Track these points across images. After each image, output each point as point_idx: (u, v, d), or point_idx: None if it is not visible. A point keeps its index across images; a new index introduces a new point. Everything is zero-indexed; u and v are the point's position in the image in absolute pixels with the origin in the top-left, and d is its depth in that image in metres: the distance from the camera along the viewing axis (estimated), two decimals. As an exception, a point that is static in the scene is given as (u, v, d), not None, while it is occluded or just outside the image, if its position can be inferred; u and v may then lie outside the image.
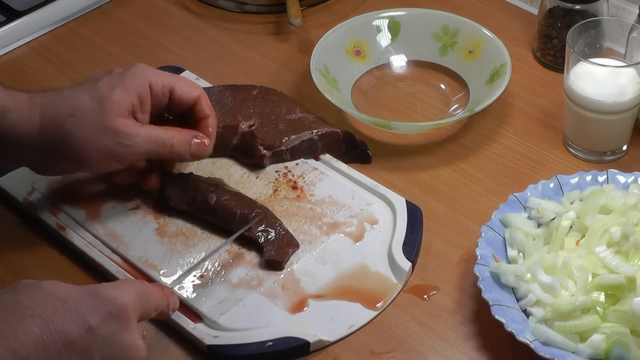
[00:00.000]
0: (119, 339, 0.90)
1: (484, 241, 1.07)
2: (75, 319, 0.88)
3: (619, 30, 1.25)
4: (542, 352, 0.97)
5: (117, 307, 0.90)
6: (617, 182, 1.13)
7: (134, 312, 0.91)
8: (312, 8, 1.44)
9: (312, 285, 1.07)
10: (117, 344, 0.90)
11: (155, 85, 1.08)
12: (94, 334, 0.88)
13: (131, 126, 1.06)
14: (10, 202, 1.17)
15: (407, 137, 1.25)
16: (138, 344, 0.91)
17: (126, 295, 0.91)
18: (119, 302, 0.90)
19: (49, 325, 0.86)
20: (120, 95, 1.06)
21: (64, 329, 0.87)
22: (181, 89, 1.10)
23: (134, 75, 1.08)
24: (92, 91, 1.06)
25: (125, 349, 0.90)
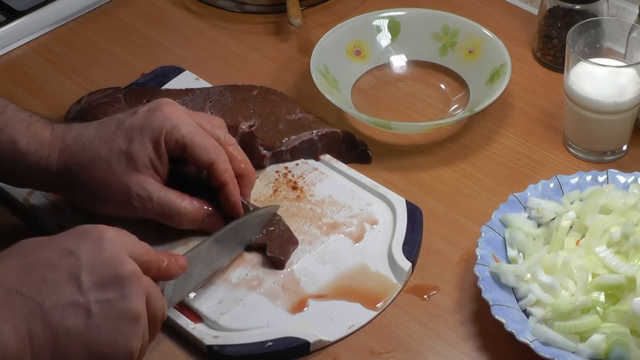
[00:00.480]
0: (103, 256, 0.89)
1: (484, 241, 1.07)
2: (53, 249, 0.89)
3: (619, 30, 1.25)
4: (542, 352, 0.97)
5: (96, 232, 0.90)
6: (617, 182, 1.13)
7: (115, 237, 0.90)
8: (312, 8, 1.44)
9: (312, 286, 1.07)
10: (103, 259, 0.89)
11: (169, 141, 1.05)
12: (75, 256, 0.88)
13: (146, 187, 1.05)
14: (10, 202, 1.17)
15: (407, 137, 1.25)
16: (126, 259, 0.90)
17: (105, 227, 0.91)
18: (97, 228, 0.91)
19: (27, 257, 0.88)
20: (137, 150, 1.05)
21: (42, 257, 0.88)
22: (194, 151, 1.06)
23: (152, 127, 1.05)
24: (111, 144, 1.05)
25: (112, 263, 0.89)
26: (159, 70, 1.33)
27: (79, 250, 0.89)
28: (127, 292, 0.89)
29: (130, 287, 0.89)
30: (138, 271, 0.90)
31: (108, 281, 0.89)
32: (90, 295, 0.88)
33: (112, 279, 0.89)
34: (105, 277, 0.89)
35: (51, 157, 1.06)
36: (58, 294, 0.87)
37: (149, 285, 0.92)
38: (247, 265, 1.09)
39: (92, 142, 1.05)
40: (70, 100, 1.26)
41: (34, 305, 0.86)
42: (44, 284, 0.87)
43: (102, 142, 1.05)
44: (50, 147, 1.06)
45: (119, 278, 0.89)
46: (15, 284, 0.86)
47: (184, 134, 1.05)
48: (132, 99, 1.24)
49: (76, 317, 0.87)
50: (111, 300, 0.88)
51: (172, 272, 0.97)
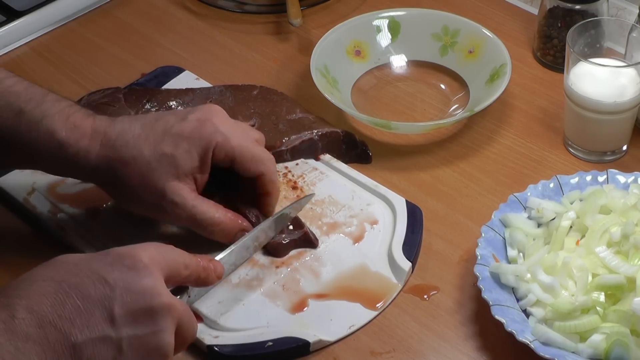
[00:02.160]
0: (137, 286, 0.86)
1: (484, 241, 1.07)
2: (88, 275, 0.86)
3: (619, 30, 1.25)
4: (542, 352, 0.97)
5: (132, 259, 0.87)
6: (617, 182, 1.13)
7: (152, 263, 0.88)
8: (312, 8, 1.44)
9: (312, 285, 1.07)
10: (136, 291, 0.86)
11: (219, 152, 1.05)
12: (109, 286, 0.85)
13: (180, 196, 1.04)
14: (10, 202, 1.17)
15: (407, 137, 1.25)
16: (160, 290, 0.87)
17: (141, 250, 0.88)
18: (132, 254, 0.88)
19: (62, 284, 0.85)
20: (182, 157, 1.04)
21: (77, 285, 0.85)
22: (243, 164, 1.06)
23: (202, 137, 1.04)
24: (156, 145, 1.04)
25: (146, 294, 0.86)
26: (159, 70, 1.33)
27: (114, 280, 0.86)
28: (159, 328, 0.87)
29: (163, 322, 0.87)
30: (172, 303, 0.88)
31: (140, 315, 0.86)
32: (122, 331, 0.85)
33: (144, 313, 0.86)
34: (138, 310, 0.86)
35: (91, 150, 1.04)
36: (90, 328, 0.84)
37: (182, 313, 0.89)
38: (247, 265, 1.09)
39: (137, 141, 1.04)
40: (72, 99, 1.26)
41: (66, 340, 0.83)
42: (77, 316, 0.84)
43: (147, 142, 1.04)
44: (91, 139, 1.04)
45: (152, 312, 0.86)
46: (49, 315, 0.83)
47: (234, 147, 1.05)
48: (132, 99, 1.24)
49: (107, 354, 0.85)
50: (142, 336, 0.86)
51: (210, 281, 0.96)
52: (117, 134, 1.05)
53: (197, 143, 1.04)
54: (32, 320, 0.83)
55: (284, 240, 1.09)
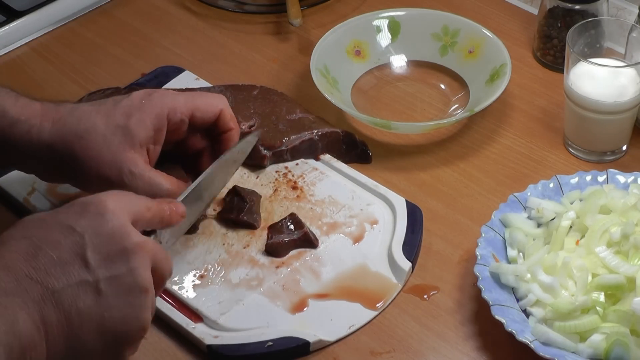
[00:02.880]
0: (107, 229, 0.88)
1: (484, 241, 1.07)
2: (56, 227, 0.88)
3: (619, 30, 1.25)
4: (542, 352, 0.97)
5: (96, 205, 0.89)
6: (617, 182, 1.13)
7: (116, 206, 0.89)
8: (312, 8, 1.44)
9: (312, 285, 1.07)
10: (106, 233, 0.88)
11: (174, 115, 1.06)
12: (77, 233, 0.87)
13: (138, 164, 1.04)
14: (10, 202, 1.17)
15: (407, 137, 1.25)
16: (129, 230, 0.89)
17: (104, 195, 0.90)
18: (97, 200, 0.89)
19: (32, 239, 0.87)
20: (136, 126, 1.04)
21: (47, 237, 0.87)
22: (200, 110, 1.07)
23: (152, 105, 1.05)
24: (108, 118, 1.04)
25: (116, 236, 0.88)
26: (159, 70, 1.33)
27: (82, 227, 0.88)
28: (134, 266, 0.88)
29: (137, 260, 0.88)
30: (142, 241, 0.90)
31: (114, 256, 0.88)
32: (98, 273, 0.87)
33: (118, 254, 0.88)
34: (111, 252, 0.88)
35: (43, 127, 1.04)
36: (67, 275, 0.86)
37: (155, 250, 0.91)
38: (247, 265, 1.09)
39: (89, 114, 1.05)
40: (70, 100, 1.26)
41: (45, 289, 0.85)
42: (52, 266, 0.86)
43: (99, 114, 1.05)
44: (43, 117, 1.04)
45: (125, 252, 0.88)
46: (24, 269, 0.85)
47: (186, 103, 1.06)
48: (132, 99, 1.24)
49: (86, 297, 0.87)
50: (119, 275, 0.88)
51: (174, 221, 0.97)
52: (68, 112, 1.05)
53: (148, 112, 1.05)
54: (8, 276, 0.84)
55: (284, 240, 1.09)
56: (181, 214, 0.98)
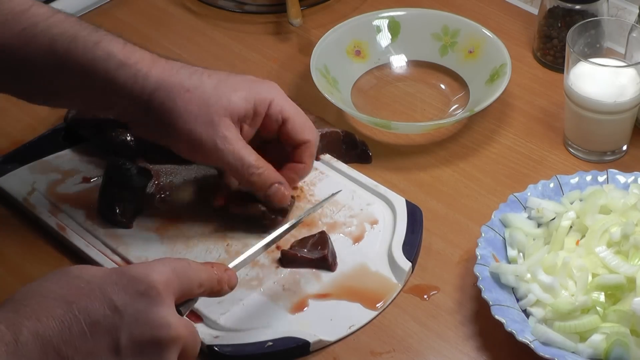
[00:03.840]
0: (147, 317, 0.84)
1: (484, 241, 1.07)
2: (99, 299, 0.83)
3: (619, 30, 1.25)
4: (542, 352, 0.97)
5: (146, 285, 0.85)
6: (617, 182, 1.13)
7: (166, 288, 0.85)
8: (312, 8, 1.44)
9: (312, 285, 1.07)
10: (145, 322, 0.84)
11: (275, 107, 1.07)
12: (119, 313, 0.83)
13: (232, 133, 1.04)
14: (10, 202, 1.17)
15: (407, 137, 1.25)
16: (169, 321, 0.85)
17: (156, 273, 0.86)
18: (147, 280, 0.85)
19: (72, 306, 0.83)
20: (239, 99, 1.05)
21: (87, 309, 0.83)
22: (294, 126, 1.08)
23: (260, 89, 1.07)
24: (218, 83, 1.05)
25: (155, 326, 0.84)
26: (159, 70, 1.33)
27: (124, 306, 0.84)
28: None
29: (168, 354, 0.85)
30: (179, 335, 0.85)
31: (146, 346, 0.84)
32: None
33: (151, 345, 0.84)
34: (145, 341, 0.84)
35: (151, 73, 1.03)
36: (94, 356, 0.82)
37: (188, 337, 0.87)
38: (247, 265, 1.08)
39: (202, 74, 1.05)
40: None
41: None
42: (83, 343, 0.82)
43: (210, 77, 1.05)
44: (152, 63, 1.04)
45: (159, 345, 0.84)
46: (54, 341, 0.81)
47: (290, 108, 1.08)
48: (132, 99, 1.24)
49: None
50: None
51: (222, 294, 0.94)
52: (180, 65, 1.05)
53: (255, 93, 1.06)
54: (35, 344, 0.81)
55: (298, 254, 1.08)
56: (232, 286, 0.94)
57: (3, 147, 1.22)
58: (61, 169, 1.19)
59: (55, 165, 1.20)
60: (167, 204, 1.15)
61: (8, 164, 1.20)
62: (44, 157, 1.21)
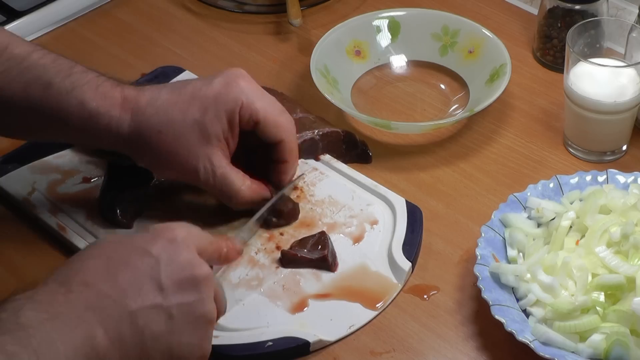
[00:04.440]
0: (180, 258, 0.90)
1: (484, 241, 1.07)
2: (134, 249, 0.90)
3: (619, 30, 1.25)
4: (542, 352, 0.97)
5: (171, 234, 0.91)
6: (617, 182, 1.13)
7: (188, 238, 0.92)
8: (312, 8, 1.44)
9: (312, 285, 1.07)
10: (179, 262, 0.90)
11: (244, 113, 1.06)
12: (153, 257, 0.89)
13: (214, 161, 1.06)
14: (10, 202, 1.17)
15: (407, 137, 1.25)
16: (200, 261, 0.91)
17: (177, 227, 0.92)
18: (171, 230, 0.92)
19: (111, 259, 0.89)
20: (211, 121, 1.05)
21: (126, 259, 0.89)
22: (265, 127, 1.07)
23: (227, 99, 1.06)
24: (185, 112, 1.05)
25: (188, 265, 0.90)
26: (159, 70, 1.33)
27: (157, 252, 0.89)
28: (203, 296, 0.90)
29: (206, 291, 0.90)
30: (210, 273, 0.91)
31: (186, 284, 0.89)
32: (171, 299, 0.89)
33: (189, 282, 0.90)
34: (183, 279, 0.89)
35: (122, 119, 1.05)
36: (143, 297, 0.88)
37: (217, 283, 0.94)
38: (247, 265, 1.09)
39: (167, 108, 1.05)
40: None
41: (122, 309, 0.87)
42: (129, 287, 0.87)
43: (176, 108, 1.05)
44: (122, 109, 1.05)
45: (196, 281, 0.90)
46: (103, 287, 0.87)
47: (259, 109, 1.07)
48: (132, 99, 1.24)
49: (159, 320, 0.88)
50: (190, 303, 0.89)
51: (231, 258, 0.98)
52: (147, 102, 1.06)
53: (223, 106, 1.06)
54: (89, 292, 0.86)
55: (298, 255, 1.08)
56: (238, 251, 0.98)
57: (3, 147, 1.22)
58: (61, 169, 1.20)
59: (56, 165, 1.20)
60: (167, 204, 1.15)
61: (8, 164, 1.20)
62: (44, 157, 1.21)
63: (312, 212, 1.14)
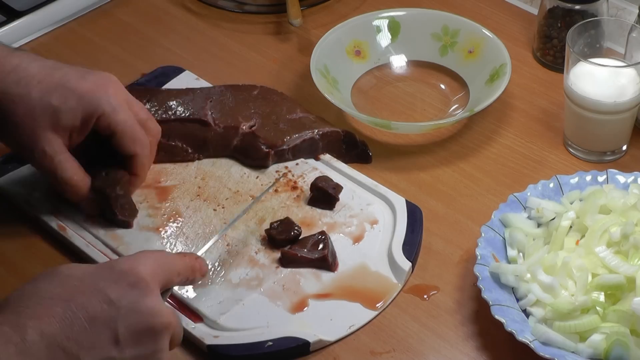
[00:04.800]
0: (141, 307, 0.88)
1: (484, 241, 1.07)
2: (95, 294, 0.87)
3: (619, 30, 1.25)
4: (542, 352, 0.97)
5: (135, 277, 0.89)
6: (616, 182, 1.13)
7: (153, 279, 0.90)
8: (312, 8, 1.44)
9: (312, 285, 1.07)
10: (140, 311, 0.88)
11: (103, 122, 1.07)
12: (115, 306, 0.87)
13: (53, 147, 1.06)
14: (10, 202, 1.17)
15: (407, 137, 1.25)
16: (161, 309, 0.89)
17: (142, 265, 0.90)
18: (135, 272, 0.89)
19: (70, 304, 0.86)
20: (67, 112, 1.06)
21: (85, 305, 0.86)
22: (121, 140, 1.09)
23: (90, 102, 1.07)
24: (45, 92, 1.06)
25: (148, 315, 0.88)
26: (159, 70, 1.33)
27: (118, 298, 0.87)
28: (160, 348, 0.89)
29: (163, 342, 0.89)
30: (170, 321, 0.90)
31: (143, 336, 0.88)
32: (125, 352, 0.87)
33: (147, 334, 0.88)
34: (141, 331, 0.88)
35: None
36: (97, 349, 0.86)
37: (177, 325, 0.91)
38: (247, 265, 1.09)
39: (29, 82, 1.06)
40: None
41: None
42: (85, 338, 0.86)
43: (39, 86, 1.06)
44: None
45: (154, 332, 0.88)
46: (58, 337, 0.85)
47: (118, 122, 1.08)
48: (132, 99, 1.24)
49: None
50: (144, 356, 0.88)
51: (195, 282, 0.99)
52: (13, 68, 1.06)
53: (85, 105, 1.07)
54: (42, 342, 0.84)
55: (298, 255, 1.08)
56: (203, 273, 0.98)
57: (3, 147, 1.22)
58: (61, 169, 1.19)
59: (56, 165, 1.20)
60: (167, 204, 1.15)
61: (8, 164, 1.20)
62: (44, 157, 1.21)
63: (312, 211, 1.14)
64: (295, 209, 1.14)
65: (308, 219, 1.13)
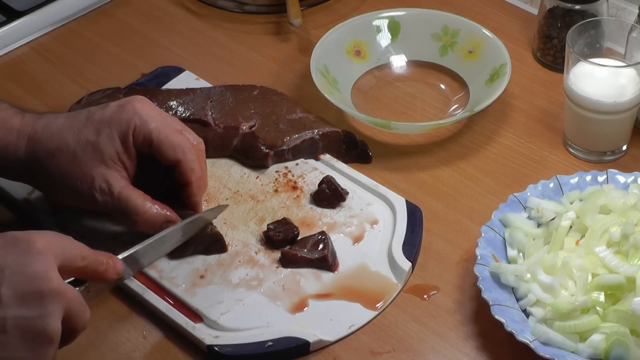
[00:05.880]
0: (28, 270, 0.87)
1: (484, 241, 1.07)
2: None
3: (619, 30, 1.25)
4: (542, 352, 0.97)
5: (26, 243, 0.88)
6: (616, 182, 1.13)
7: (47, 248, 0.88)
8: (312, 8, 1.44)
9: (312, 285, 1.07)
10: (25, 274, 0.87)
11: (137, 135, 1.06)
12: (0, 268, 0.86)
13: (110, 180, 1.05)
14: (10, 202, 1.17)
15: (407, 137, 1.25)
16: (50, 275, 0.87)
17: (37, 235, 0.89)
18: (28, 238, 0.88)
19: None
20: (105, 142, 1.05)
21: None
22: (160, 149, 1.06)
23: (120, 120, 1.05)
24: (79, 134, 1.05)
25: (35, 277, 0.86)
26: (159, 70, 1.33)
27: (5, 262, 0.87)
28: (46, 312, 0.87)
29: (51, 306, 0.87)
30: (61, 288, 0.88)
31: (29, 298, 0.86)
32: (7, 311, 0.86)
33: (33, 296, 0.87)
34: (27, 293, 0.86)
35: (19, 144, 1.06)
36: None
37: (73, 301, 0.90)
38: (247, 265, 1.09)
39: (61, 131, 1.06)
40: (71, 100, 1.27)
41: None
42: None
43: (70, 131, 1.06)
44: (19, 134, 1.06)
45: (40, 295, 0.87)
46: None
47: (152, 130, 1.06)
48: (132, 99, 1.24)
49: None
50: (29, 318, 0.86)
51: (108, 278, 0.97)
52: (43, 127, 1.06)
53: (117, 127, 1.05)
54: None
55: (298, 255, 1.08)
56: (118, 272, 0.98)
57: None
58: (61, 169, 1.19)
59: (56, 165, 1.20)
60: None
61: (8, 164, 1.20)
62: (44, 157, 1.21)
63: (312, 211, 1.14)
64: (295, 209, 1.14)
65: (308, 219, 1.13)
